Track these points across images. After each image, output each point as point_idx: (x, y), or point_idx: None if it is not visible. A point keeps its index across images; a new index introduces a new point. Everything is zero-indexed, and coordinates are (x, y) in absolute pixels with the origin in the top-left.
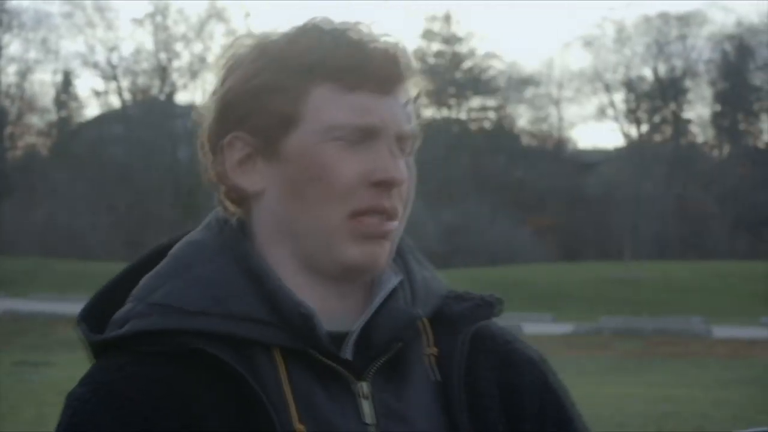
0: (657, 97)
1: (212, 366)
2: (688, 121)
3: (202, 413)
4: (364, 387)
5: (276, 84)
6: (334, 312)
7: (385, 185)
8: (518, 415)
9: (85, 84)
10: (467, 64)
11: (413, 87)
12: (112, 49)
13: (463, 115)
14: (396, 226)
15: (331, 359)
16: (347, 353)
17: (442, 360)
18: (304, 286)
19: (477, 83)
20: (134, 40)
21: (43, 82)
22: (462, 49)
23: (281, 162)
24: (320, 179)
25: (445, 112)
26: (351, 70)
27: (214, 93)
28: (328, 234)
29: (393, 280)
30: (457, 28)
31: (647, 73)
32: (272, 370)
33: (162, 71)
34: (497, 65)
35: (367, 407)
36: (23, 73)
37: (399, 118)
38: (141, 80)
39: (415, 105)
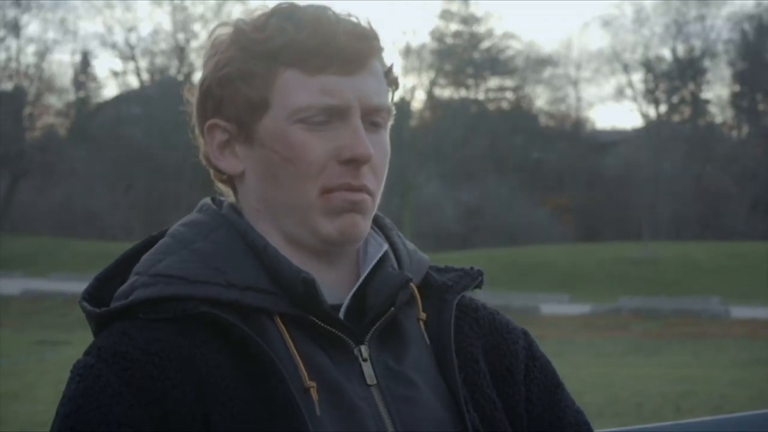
0: (675, 78)
1: (218, 330)
2: (707, 102)
3: (210, 373)
4: (362, 350)
5: (245, 72)
6: (326, 283)
7: (353, 162)
8: (505, 380)
9: (104, 64)
10: (485, 44)
11: (382, 62)
12: (130, 29)
13: (481, 96)
14: (366, 197)
15: (331, 325)
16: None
17: (432, 325)
18: (293, 258)
19: (495, 63)
20: (152, 20)
21: (62, 62)
22: (480, 29)
23: (255, 145)
24: (291, 160)
25: (463, 93)
26: (314, 54)
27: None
28: (303, 211)
29: (380, 249)
30: (475, 8)
31: (666, 53)
32: (277, 335)
33: (180, 51)
34: (515, 45)
35: (368, 369)
36: (42, 54)
37: (366, 94)
38: (159, 60)
39: (388, 78)
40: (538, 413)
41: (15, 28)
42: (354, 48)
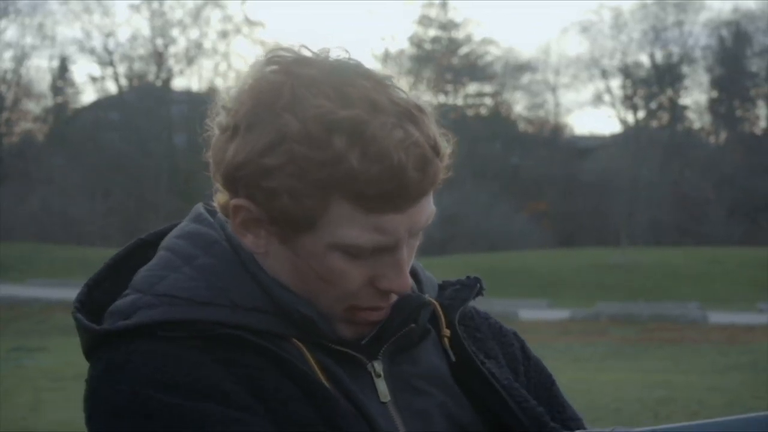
0: (653, 83)
1: (230, 349)
2: (685, 108)
3: (226, 388)
4: (375, 366)
5: (294, 191)
6: None
7: (388, 293)
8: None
9: (82, 70)
10: (464, 50)
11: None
12: (108, 34)
13: (459, 102)
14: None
15: (341, 344)
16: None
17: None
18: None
19: (473, 69)
20: (131, 25)
21: (40, 67)
22: (458, 35)
23: (288, 247)
24: (325, 280)
25: (441, 99)
26: (374, 196)
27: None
28: (323, 312)
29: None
30: (454, 14)
31: (644, 59)
32: (295, 350)
33: (158, 57)
34: (494, 51)
35: (381, 386)
36: (20, 59)
37: (418, 222)
38: (137, 66)
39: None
40: None
41: None
42: (420, 184)
